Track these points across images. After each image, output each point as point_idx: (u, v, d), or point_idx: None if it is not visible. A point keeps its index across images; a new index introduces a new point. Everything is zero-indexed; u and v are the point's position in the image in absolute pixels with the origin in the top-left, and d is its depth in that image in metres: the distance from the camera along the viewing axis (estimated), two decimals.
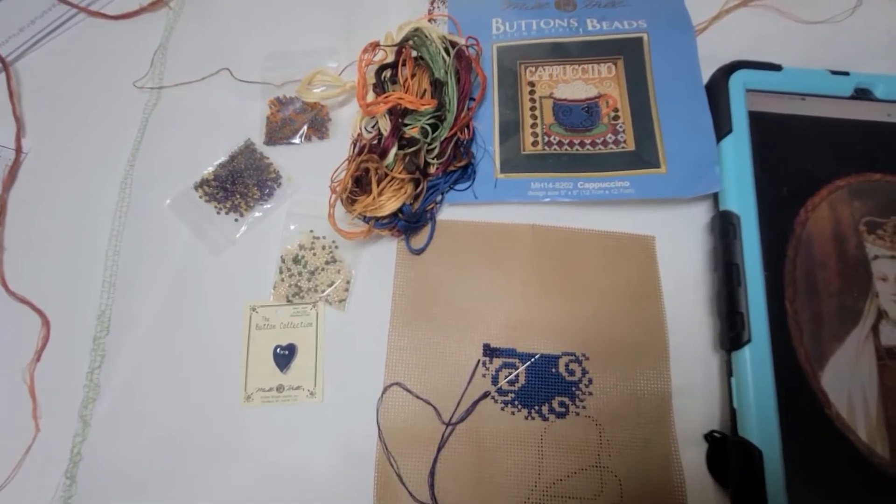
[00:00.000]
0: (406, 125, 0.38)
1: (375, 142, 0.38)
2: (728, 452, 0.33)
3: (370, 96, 0.40)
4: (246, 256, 0.40)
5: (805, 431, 0.32)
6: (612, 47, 0.43)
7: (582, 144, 0.40)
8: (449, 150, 0.39)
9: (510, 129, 0.41)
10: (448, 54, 0.40)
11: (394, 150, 0.37)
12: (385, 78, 0.40)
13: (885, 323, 0.34)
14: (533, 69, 0.43)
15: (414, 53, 0.41)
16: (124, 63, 0.47)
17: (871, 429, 0.32)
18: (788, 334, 0.34)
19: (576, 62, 0.43)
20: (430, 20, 0.47)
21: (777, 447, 0.31)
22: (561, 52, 0.43)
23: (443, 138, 0.38)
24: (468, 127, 0.40)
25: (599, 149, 0.40)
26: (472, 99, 0.42)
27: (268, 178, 0.42)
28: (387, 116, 0.38)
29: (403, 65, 0.40)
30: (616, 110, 0.41)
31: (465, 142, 0.40)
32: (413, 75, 0.40)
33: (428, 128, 0.38)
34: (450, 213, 0.40)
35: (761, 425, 0.32)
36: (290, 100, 0.44)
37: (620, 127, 0.41)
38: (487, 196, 0.40)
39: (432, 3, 0.48)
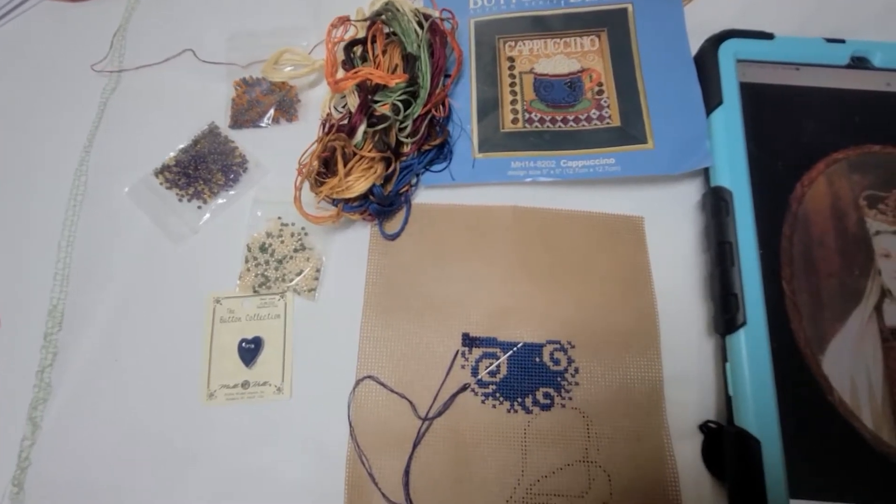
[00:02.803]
0: (376, 102, 0.35)
1: (345, 121, 0.36)
2: (724, 444, 0.31)
3: (340, 75, 0.38)
4: (209, 245, 0.38)
5: (806, 419, 0.30)
6: (595, 19, 0.41)
7: (565, 121, 0.38)
8: (423, 129, 0.36)
9: (489, 107, 0.39)
10: (421, 28, 0.37)
11: (362, 128, 0.34)
12: (355, 54, 0.38)
13: (888, 302, 0.32)
14: (512, 44, 0.41)
15: (386, 29, 0.39)
16: (83, 46, 0.44)
17: (877, 415, 0.30)
18: (786, 316, 0.32)
19: (557, 35, 0.41)
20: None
21: (776, 437, 0.29)
22: (541, 26, 0.41)
23: (416, 116, 0.36)
24: (444, 104, 0.38)
25: (583, 125, 0.38)
26: (447, 75, 0.39)
27: (233, 162, 0.40)
28: (355, 93, 0.36)
29: (374, 41, 0.38)
30: (600, 84, 0.39)
31: (440, 119, 0.38)
32: (384, 51, 0.38)
33: (400, 104, 0.35)
34: (426, 195, 0.38)
35: (759, 414, 0.30)
36: (256, 81, 0.42)
37: (605, 102, 0.38)
38: (465, 177, 0.37)
39: None
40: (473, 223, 0.37)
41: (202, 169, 0.39)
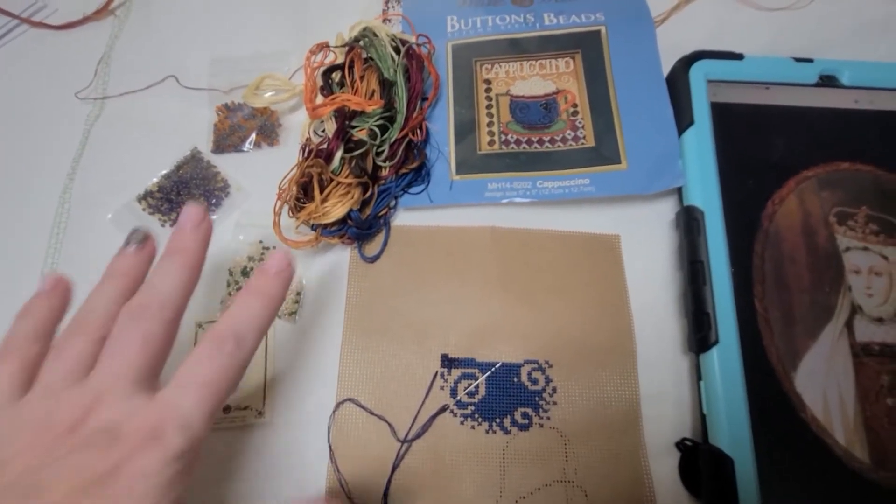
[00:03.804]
0: (354, 127, 0.36)
1: (324, 146, 0.36)
2: (699, 462, 0.31)
3: (319, 100, 0.38)
4: None
5: (779, 437, 0.30)
6: (569, 41, 0.42)
7: (540, 142, 0.39)
8: (400, 152, 0.37)
9: (466, 129, 0.40)
10: (398, 53, 0.38)
11: (339, 154, 0.35)
12: (332, 80, 0.38)
13: (859, 318, 0.33)
14: (489, 66, 0.42)
15: (364, 54, 0.39)
16: (68, 74, 0.45)
17: (849, 431, 0.31)
18: (758, 334, 0.32)
19: (533, 58, 0.42)
20: (384, 20, 0.45)
21: (749, 455, 0.30)
22: (517, 48, 0.42)
23: (393, 140, 0.37)
24: (421, 128, 0.38)
25: (559, 146, 0.39)
26: (424, 99, 0.40)
27: (215, 187, 0.40)
28: (333, 119, 0.36)
29: (352, 66, 0.38)
30: (575, 106, 0.40)
31: (417, 143, 0.38)
32: (362, 77, 0.38)
33: (377, 130, 0.36)
34: (405, 217, 0.39)
35: (732, 432, 0.30)
36: (238, 106, 0.43)
37: (580, 123, 0.39)
38: (443, 199, 0.38)
39: (386, 3, 0.47)
40: (452, 244, 0.38)
41: (184, 194, 0.40)
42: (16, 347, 0.24)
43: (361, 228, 0.36)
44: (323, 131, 0.38)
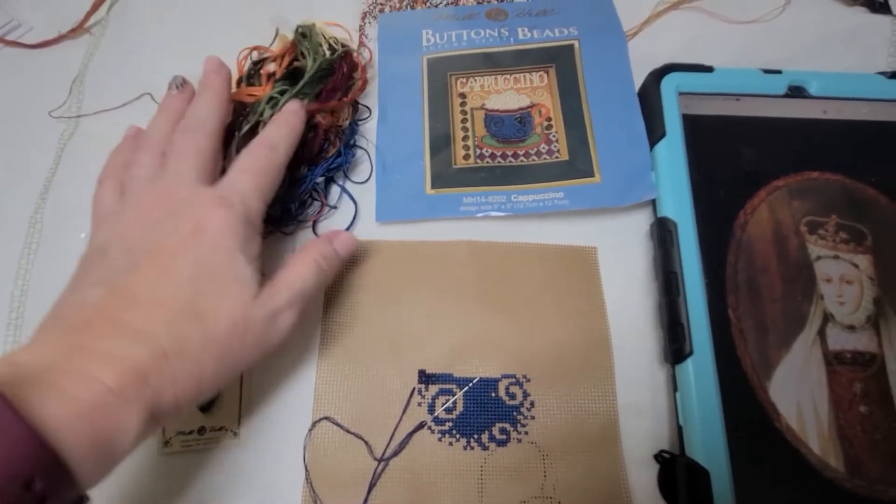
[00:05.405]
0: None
1: None
2: (676, 474, 0.31)
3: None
4: None
5: (754, 447, 0.30)
6: (543, 55, 0.42)
7: (515, 156, 0.39)
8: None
9: (441, 143, 0.40)
10: (331, 52, 0.38)
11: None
12: (254, 72, 0.40)
13: (831, 326, 0.33)
14: (464, 80, 0.42)
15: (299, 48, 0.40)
16: (42, 93, 0.44)
17: (824, 440, 0.31)
18: (732, 344, 0.33)
19: (507, 72, 0.42)
20: (360, 43, 0.45)
21: (725, 466, 0.30)
22: (492, 62, 0.42)
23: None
24: (333, 114, 0.38)
25: (533, 160, 0.39)
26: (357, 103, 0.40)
27: None
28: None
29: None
30: (549, 119, 0.40)
31: (334, 131, 0.38)
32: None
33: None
34: (380, 232, 0.38)
35: (707, 443, 0.30)
36: None
37: (554, 136, 0.39)
38: (419, 213, 0.38)
39: (363, 19, 0.47)
40: (428, 259, 0.38)
41: None
42: (111, 173, 0.32)
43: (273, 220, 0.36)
44: None
